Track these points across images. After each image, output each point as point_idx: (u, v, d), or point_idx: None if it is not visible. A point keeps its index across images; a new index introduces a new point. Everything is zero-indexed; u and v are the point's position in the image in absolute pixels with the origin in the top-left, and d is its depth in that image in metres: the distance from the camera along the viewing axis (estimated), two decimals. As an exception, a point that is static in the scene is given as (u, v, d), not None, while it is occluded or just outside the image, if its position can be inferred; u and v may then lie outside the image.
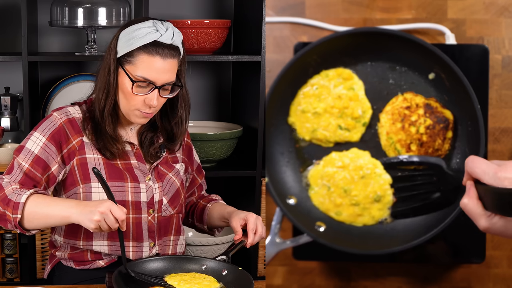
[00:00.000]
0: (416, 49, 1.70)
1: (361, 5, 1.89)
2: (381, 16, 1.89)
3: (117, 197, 1.85)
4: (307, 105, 1.79)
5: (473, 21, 1.88)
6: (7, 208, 1.77)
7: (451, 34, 1.85)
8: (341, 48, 1.75)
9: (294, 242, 1.78)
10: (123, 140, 1.92)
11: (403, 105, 1.75)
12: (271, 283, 1.94)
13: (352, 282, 1.93)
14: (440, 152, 1.75)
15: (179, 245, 2.02)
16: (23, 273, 2.79)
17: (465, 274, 1.92)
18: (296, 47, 1.85)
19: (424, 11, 1.88)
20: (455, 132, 1.75)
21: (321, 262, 1.93)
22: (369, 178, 1.75)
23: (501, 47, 1.88)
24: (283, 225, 1.90)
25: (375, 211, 1.76)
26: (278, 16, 1.91)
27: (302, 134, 1.80)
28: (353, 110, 1.77)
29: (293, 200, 1.79)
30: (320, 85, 1.78)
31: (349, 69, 1.78)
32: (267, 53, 1.92)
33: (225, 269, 1.76)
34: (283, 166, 1.81)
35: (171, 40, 1.83)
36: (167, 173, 1.96)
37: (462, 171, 1.46)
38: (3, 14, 2.91)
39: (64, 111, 1.92)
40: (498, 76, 1.88)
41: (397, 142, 1.75)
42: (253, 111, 2.81)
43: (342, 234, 1.77)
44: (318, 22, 1.89)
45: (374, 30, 1.71)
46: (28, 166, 1.84)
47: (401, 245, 1.70)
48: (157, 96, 1.84)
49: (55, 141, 1.87)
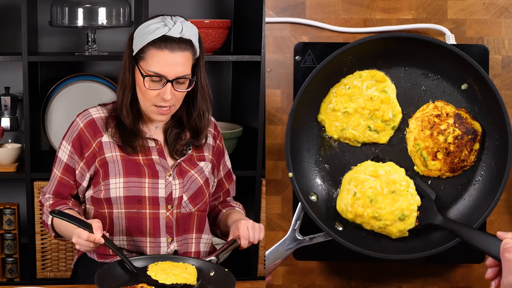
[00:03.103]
0: (451, 58, 1.70)
1: (361, 6, 1.89)
2: (381, 17, 1.89)
3: (133, 192, 1.92)
4: (338, 104, 1.78)
5: (473, 21, 1.88)
6: (45, 226, 2.01)
7: (451, 35, 1.85)
8: (376, 51, 1.75)
9: (313, 239, 1.78)
10: (146, 136, 1.96)
11: (433, 113, 1.75)
12: (271, 283, 1.94)
13: (352, 282, 1.93)
14: (466, 163, 1.75)
15: (202, 244, 2.02)
16: (23, 273, 2.79)
17: (465, 274, 1.92)
18: (296, 47, 1.85)
19: (424, 12, 1.88)
20: (482, 145, 1.76)
21: (321, 262, 1.93)
22: (400, 195, 1.74)
23: (501, 47, 1.88)
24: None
25: (396, 231, 1.75)
26: (278, 16, 1.91)
27: (330, 132, 1.80)
28: (383, 112, 1.77)
29: (315, 197, 1.79)
30: (353, 85, 1.78)
31: (383, 72, 1.78)
32: (267, 53, 1.92)
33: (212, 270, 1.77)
34: (309, 162, 1.80)
35: (179, 33, 1.86)
36: (189, 170, 1.98)
37: (488, 183, 1.49)
38: (3, 14, 2.91)
39: (85, 114, 2.00)
40: (498, 76, 1.88)
41: (423, 149, 1.75)
42: (253, 111, 2.81)
43: (359, 235, 1.78)
44: (318, 23, 1.89)
45: (409, 36, 1.71)
46: (60, 175, 1.99)
47: (413, 253, 1.73)
48: (171, 90, 1.87)
49: (77, 148, 1.96)
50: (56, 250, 2.73)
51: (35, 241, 2.70)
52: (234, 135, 2.80)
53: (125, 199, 1.91)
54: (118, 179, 1.91)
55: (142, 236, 1.94)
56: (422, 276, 1.92)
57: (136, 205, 1.92)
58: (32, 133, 2.70)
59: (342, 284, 1.93)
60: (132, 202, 1.92)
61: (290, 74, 1.90)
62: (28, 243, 2.71)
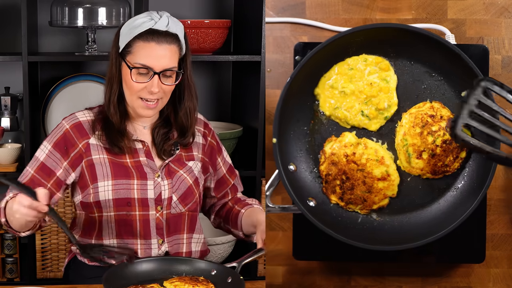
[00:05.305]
0: (457, 63, 1.69)
1: (361, 6, 1.89)
2: (381, 17, 1.89)
3: (122, 194, 1.90)
4: (337, 82, 1.77)
5: (473, 21, 1.88)
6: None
7: (451, 35, 1.85)
8: (387, 39, 1.73)
9: (284, 210, 1.75)
10: (133, 138, 1.95)
11: (428, 113, 1.74)
12: (271, 283, 1.94)
13: (352, 282, 1.93)
14: (448, 169, 1.75)
15: (194, 244, 2.02)
16: (23, 273, 2.79)
17: (465, 274, 1.92)
18: (296, 47, 1.85)
19: (424, 12, 1.88)
20: (469, 154, 1.75)
21: (321, 262, 1.93)
22: (380, 166, 1.75)
23: (501, 47, 1.88)
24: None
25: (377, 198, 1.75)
26: (278, 16, 1.91)
27: (323, 108, 1.79)
28: (379, 100, 1.77)
29: (294, 167, 1.78)
30: (356, 68, 1.77)
31: (388, 61, 1.78)
32: (267, 53, 1.92)
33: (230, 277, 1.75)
34: (295, 132, 1.78)
35: (166, 27, 1.88)
36: (178, 170, 1.97)
37: (465, 193, 1.46)
38: (3, 14, 2.91)
39: (71, 117, 1.98)
40: (498, 76, 1.88)
41: (410, 146, 1.75)
42: (253, 111, 2.81)
43: (331, 216, 1.76)
44: (318, 23, 1.89)
45: (422, 32, 1.69)
46: (33, 172, 1.92)
47: (391, 245, 1.71)
48: (158, 83, 1.88)
49: (60, 148, 1.93)
50: (56, 250, 2.74)
51: (35, 241, 2.71)
52: (234, 135, 2.80)
53: (114, 202, 1.91)
54: (106, 182, 1.91)
55: (133, 238, 1.93)
56: (422, 276, 1.92)
57: (126, 207, 1.91)
58: (32, 133, 2.70)
59: (342, 284, 1.93)
60: (121, 204, 1.91)
61: (290, 74, 1.90)
62: (28, 243, 2.71)
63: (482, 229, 1.84)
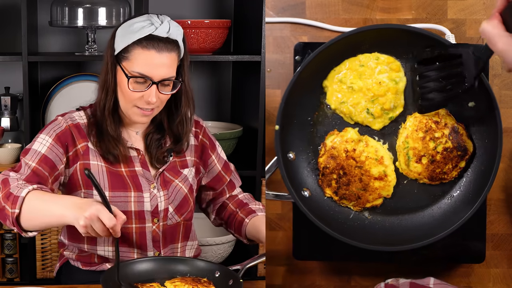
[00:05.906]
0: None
1: (361, 6, 1.89)
2: (381, 17, 1.89)
3: (119, 207, 1.81)
4: (347, 77, 1.77)
5: (473, 22, 1.88)
6: (7, 202, 1.70)
7: (451, 35, 1.85)
8: (401, 41, 1.72)
9: (278, 197, 1.74)
10: (128, 145, 1.89)
11: (433, 119, 1.74)
12: (271, 283, 1.94)
13: (352, 282, 1.93)
14: (446, 177, 1.75)
15: (188, 250, 2.00)
16: (23, 273, 2.79)
17: (465, 274, 1.92)
18: (296, 47, 1.85)
19: (424, 12, 1.88)
20: (468, 164, 1.75)
21: (321, 262, 1.93)
22: (378, 165, 1.74)
23: (501, 47, 1.88)
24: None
25: (372, 196, 1.75)
26: (278, 16, 1.91)
27: (329, 101, 1.79)
28: (386, 100, 1.76)
29: (293, 156, 1.77)
30: (367, 65, 1.76)
31: (400, 62, 1.77)
32: (267, 53, 1.92)
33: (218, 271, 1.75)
34: (299, 121, 1.77)
35: (166, 33, 1.80)
36: (174, 180, 1.93)
37: (460, 203, 1.46)
38: (3, 14, 2.92)
39: (69, 116, 1.91)
40: (498, 76, 1.88)
41: (411, 149, 1.75)
42: (253, 111, 2.81)
43: (324, 209, 1.76)
44: (318, 23, 1.89)
45: (438, 39, 1.68)
46: (35, 165, 1.81)
47: (385, 246, 1.71)
48: (156, 93, 1.81)
49: (61, 143, 1.86)
50: (56, 250, 2.73)
51: (35, 241, 2.70)
52: (234, 135, 2.80)
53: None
54: None
55: (130, 247, 1.90)
56: (422, 276, 1.92)
57: None
58: (32, 133, 2.70)
59: (342, 284, 1.93)
60: None
61: (290, 74, 1.90)
62: (28, 243, 2.71)
63: (482, 229, 1.84)
